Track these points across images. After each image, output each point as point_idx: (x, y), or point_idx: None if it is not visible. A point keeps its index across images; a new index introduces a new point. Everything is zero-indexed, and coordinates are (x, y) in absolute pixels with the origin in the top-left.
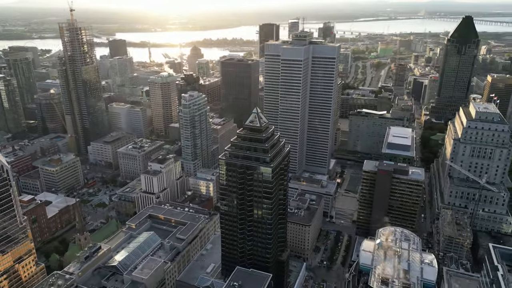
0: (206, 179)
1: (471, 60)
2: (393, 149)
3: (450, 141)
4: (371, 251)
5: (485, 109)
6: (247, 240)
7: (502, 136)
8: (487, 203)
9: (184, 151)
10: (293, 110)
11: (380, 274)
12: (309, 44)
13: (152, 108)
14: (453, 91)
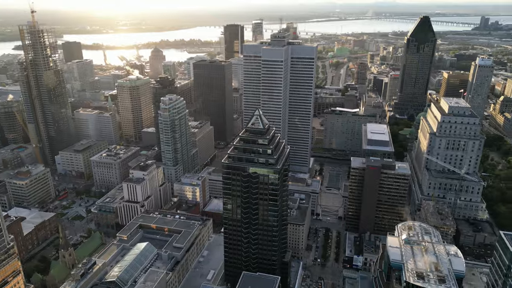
0: (191, 184)
1: (429, 58)
2: (373, 145)
3: (425, 135)
4: (397, 246)
5: (456, 104)
6: (252, 244)
7: (474, 129)
8: (463, 192)
9: (165, 156)
10: (275, 110)
11: (413, 268)
12: (287, 44)
13: (121, 113)
14: (413, 88)
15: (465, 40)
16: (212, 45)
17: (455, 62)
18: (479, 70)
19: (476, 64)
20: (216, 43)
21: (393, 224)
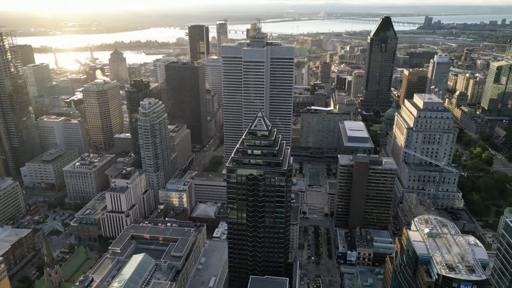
0: (178, 190)
1: (391, 56)
2: (353, 142)
3: (402, 130)
4: (421, 240)
5: (429, 99)
6: (258, 247)
7: (447, 123)
8: (437, 182)
9: (145, 162)
10: (257, 110)
11: (442, 261)
12: (266, 45)
13: (88, 120)
14: (378, 85)
15: (413, 38)
16: (170, 46)
17: (407, 59)
18: (438, 67)
19: (435, 61)
20: (174, 44)
21: (381, 218)
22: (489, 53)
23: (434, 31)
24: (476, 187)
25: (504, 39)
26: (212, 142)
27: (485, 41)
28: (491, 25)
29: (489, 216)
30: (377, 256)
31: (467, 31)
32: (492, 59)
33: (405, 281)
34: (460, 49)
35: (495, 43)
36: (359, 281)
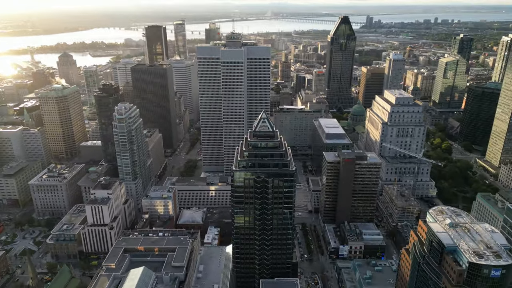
0: (162, 197)
1: (351, 55)
2: (332, 139)
3: (376, 125)
4: (444, 231)
5: (400, 95)
6: (266, 250)
7: (418, 116)
8: (415, 174)
9: (123, 171)
10: (237, 111)
11: (469, 249)
12: (242, 45)
13: (47, 128)
14: (340, 83)
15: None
16: (119, 48)
17: (357, 57)
18: (394, 64)
19: (391, 58)
20: (122, 45)
21: (367, 211)
22: (428, 50)
23: (376, 30)
24: (442, 175)
25: (439, 37)
26: (183, 145)
27: (423, 38)
28: (425, 23)
29: (458, 202)
30: (368, 249)
31: (405, 30)
32: (433, 55)
33: (430, 271)
34: (402, 46)
35: (432, 41)
36: (358, 275)
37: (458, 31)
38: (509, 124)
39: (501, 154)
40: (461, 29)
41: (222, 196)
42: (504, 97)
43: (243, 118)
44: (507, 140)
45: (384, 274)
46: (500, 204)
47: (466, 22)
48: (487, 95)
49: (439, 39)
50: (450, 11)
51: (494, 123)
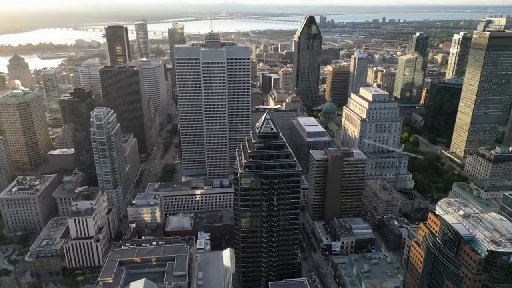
0: (149, 204)
1: (318, 54)
2: (313, 137)
3: (354, 122)
4: (458, 222)
5: (376, 92)
6: (273, 252)
7: (394, 112)
8: (393, 167)
9: (102, 179)
10: (219, 113)
11: (485, 238)
12: (222, 46)
13: (8, 137)
14: (308, 82)
15: None
16: (69, 49)
17: None
18: (359, 62)
19: (355, 57)
20: (73, 46)
21: (354, 206)
22: (381, 48)
23: (330, 29)
24: (415, 168)
25: (389, 35)
26: (156, 149)
27: (374, 37)
28: (374, 23)
29: (432, 192)
30: (359, 243)
31: (357, 29)
32: (386, 53)
33: (448, 261)
34: (357, 45)
35: (383, 39)
36: (356, 269)
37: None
38: (472, 116)
39: (465, 145)
40: (407, 28)
41: (209, 200)
42: (466, 92)
43: (225, 119)
44: (471, 131)
45: (380, 267)
46: (475, 192)
47: (411, 22)
48: (448, 90)
49: (389, 37)
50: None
51: (458, 116)
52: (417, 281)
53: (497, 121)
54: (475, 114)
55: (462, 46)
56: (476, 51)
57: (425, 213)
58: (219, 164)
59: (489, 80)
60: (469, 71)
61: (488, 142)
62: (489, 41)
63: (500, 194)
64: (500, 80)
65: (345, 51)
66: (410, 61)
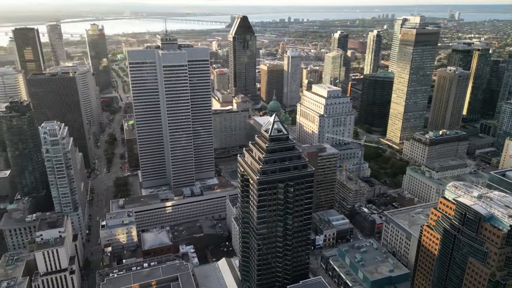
0: (124, 224)
1: (254, 53)
2: None
3: (311, 118)
4: (475, 203)
5: (329, 88)
6: (288, 255)
7: (347, 106)
8: (351, 158)
9: (60, 202)
10: (183, 118)
11: (503, 214)
12: (180, 48)
13: None
14: (245, 81)
15: None
16: None
17: None
18: (292, 61)
19: (289, 55)
20: None
21: (328, 199)
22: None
23: None
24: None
25: (298, 34)
26: (98, 163)
27: (285, 36)
28: (281, 22)
29: (383, 178)
30: (339, 234)
31: (267, 29)
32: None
33: (470, 240)
34: (272, 44)
35: (294, 38)
36: (349, 260)
37: (311, 28)
38: (405, 106)
39: (400, 132)
40: (312, 26)
41: (184, 210)
42: (397, 84)
43: (189, 124)
44: (404, 120)
45: (370, 254)
46: (428, 174)
47: (314, 21)
48: (379, 83)
49: (298, 36)
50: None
51: (391, 106)
52: (432, 262)
53: (424, 108)
54: (407, 103)
55: (377, 43)
56: (405, 47)
57: (386, 198)
58: (185, 172)
59: (417, 72)
60: (399, 65)
61: (418, 128)
62: (416, 37)
63: (448, 174)
64: (425, 71)
65: (264, 50)
66: (336, 58)
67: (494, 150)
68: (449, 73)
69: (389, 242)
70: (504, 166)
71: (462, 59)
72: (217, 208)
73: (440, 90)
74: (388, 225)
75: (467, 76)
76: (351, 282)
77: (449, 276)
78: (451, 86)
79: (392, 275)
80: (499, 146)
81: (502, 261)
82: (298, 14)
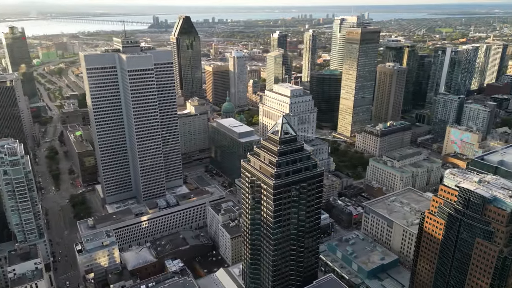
0: (104, 245)
1: (198, 54)
2: (245, 137)
3: (273, 117)
4: (476, 187)
5: (291, 87)
6: (301, 257)
7: (310, 104)
8: (319, 153)
9: (24, 229)
10: (152, 126)
11: (504, 195)
12: (142, 51)
13: None
14: (192, 83)
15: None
16: None
17: None
18: (238, 61)
19: (234, 56)
20: None
21: None
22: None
23: (166, 29)
24: None
25: (226, 34)
26: (43, 181)
27: (213, 36)
28: (206, 22)
29: (344, 170)
30: (322, 229)
31: None
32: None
33: (477, 221)
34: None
35: (223, 38)
36: (341, 253)
37: (236, 28)
38: (354, 101)
39: (351, 126)
40: (238, 27)
41: (161, 223)
42: (346, 80)
43: (159, 132)
44: (354, 114)
45: (358, 245)
46: (389, 163)
47: (238, 21)
48: (326, 81)
49: (226, 36)
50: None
51: (341, 102)
52: (436, 247)
53: (370, 102)
54: (355, 98)
55: (313, 42)
56: (351, 45)
57: (354, 189)
58: (156, 182)
59: (363, 68)
60: (346, 62)
61: (366, 121)
62: (361, 36)
63: (407, 161)
64: (370, 68)
65: None
66: (278, 57)
67: (432, 137)
68: (389, 69)
69: (370, 232)
70: (447, 151)
71: (395, 55)
72: (195, 217)
73: (382, 84)
74: (368, 216)
75: (405, 70)
76: (347, 274)
77: (455, 257)
78: (391, 81)
79: (384, 262)
80: (435, 133)
81: (507, 238)
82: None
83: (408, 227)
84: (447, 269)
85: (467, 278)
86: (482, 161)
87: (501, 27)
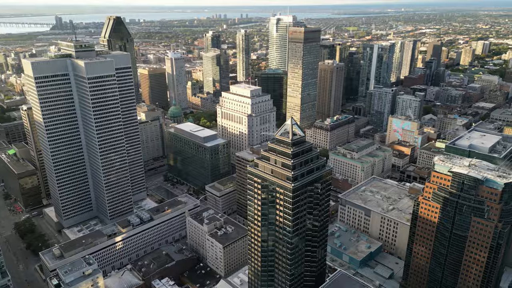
0: (87, 275)
1: (133, 56)
2: (210, 141)
3: (237, 119)
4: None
5: (249, 87)
6: (315, 257)
7: (269, 104)
8: None
9: None
10: (116, 137)
11: (494, 175)
12: (98, 55)
13: None
14: None
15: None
16: None
17: None
18: (176, 63)
19: (171, 58)
20: None
21: None
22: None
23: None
24: None
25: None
26: None
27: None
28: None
29: None
30: None
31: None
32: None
33: (471, 202)
34: None
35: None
36: (329, 247)
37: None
38: (301, 98)
39: (299, 122)
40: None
41: (139, 242)
42: (292, 78)
43: (123, 143)
44: (302, 111)
45: (344, 237)
46: (349, 155)
47: (152, 21)
48: (271, 79)
49: (142, 37)
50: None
51: (288, 100)
52: (432, 229)
53: (315, 99)
54: (302, 96)
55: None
56: (295, 44)
57: None
58: (123, 199)
59: (307, 66)
60: (291, 61)
61: (312, 117)
62: (304, 35)
63: (364, 152)
64: (313, 66)
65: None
66: (214, 58)
67: (372, 128)
68: (329, 66)
69: (347, 222)
70: (390, 139)
71: (329, 53)
72: (173, 230)
73: (323, 81)
74: (344, 207)
75: (342, 67)
76: (339, 266)
77: (452, 237)
78: (332, 77)
79: (371, 250)
80: (373, 123)
81: (500, 214)
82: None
83: (385, 214)
84: (444, 249)
85: (464, 255)
86: (454, 146)
87: (396, 25)
